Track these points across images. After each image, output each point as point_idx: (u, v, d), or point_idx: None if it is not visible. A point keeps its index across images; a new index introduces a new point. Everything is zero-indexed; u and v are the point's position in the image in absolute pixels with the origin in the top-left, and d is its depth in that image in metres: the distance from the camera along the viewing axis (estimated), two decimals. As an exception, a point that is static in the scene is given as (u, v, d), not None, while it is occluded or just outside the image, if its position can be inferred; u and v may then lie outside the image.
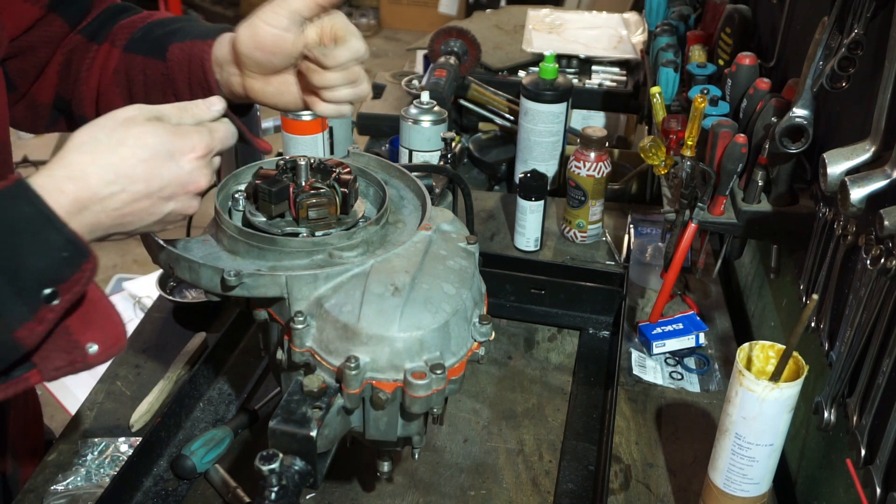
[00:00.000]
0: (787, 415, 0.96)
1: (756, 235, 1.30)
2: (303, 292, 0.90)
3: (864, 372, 0.91)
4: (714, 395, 1.31)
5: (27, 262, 0.71)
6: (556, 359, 1.39)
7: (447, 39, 2.03)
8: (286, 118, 1.52)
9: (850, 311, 0.96)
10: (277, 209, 0.98)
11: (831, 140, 1.11)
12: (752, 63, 1.33)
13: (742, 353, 0.99)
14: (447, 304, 0.90)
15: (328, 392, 0.86)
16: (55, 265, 0.72)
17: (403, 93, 2.15)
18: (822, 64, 1.08)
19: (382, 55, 5.87)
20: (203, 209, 0.91)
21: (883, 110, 0.91)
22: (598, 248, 1.68)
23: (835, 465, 1.07)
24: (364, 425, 0.91)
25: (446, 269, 0.94)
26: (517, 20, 2.55)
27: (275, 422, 0.83)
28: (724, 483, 1.02)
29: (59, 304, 0.73)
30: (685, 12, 1.86)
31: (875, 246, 0.89)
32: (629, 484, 1.15)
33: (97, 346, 0.77)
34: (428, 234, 0.99)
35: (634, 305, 1.51)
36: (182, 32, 1.11)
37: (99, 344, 0.77)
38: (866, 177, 0.89)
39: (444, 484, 1.14)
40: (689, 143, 1.32)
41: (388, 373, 0.87)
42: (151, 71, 1.11)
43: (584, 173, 1.61)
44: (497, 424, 1.25)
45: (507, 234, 1.70)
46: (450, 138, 1.61)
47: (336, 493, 1.12)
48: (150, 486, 1.11)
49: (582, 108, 2.21)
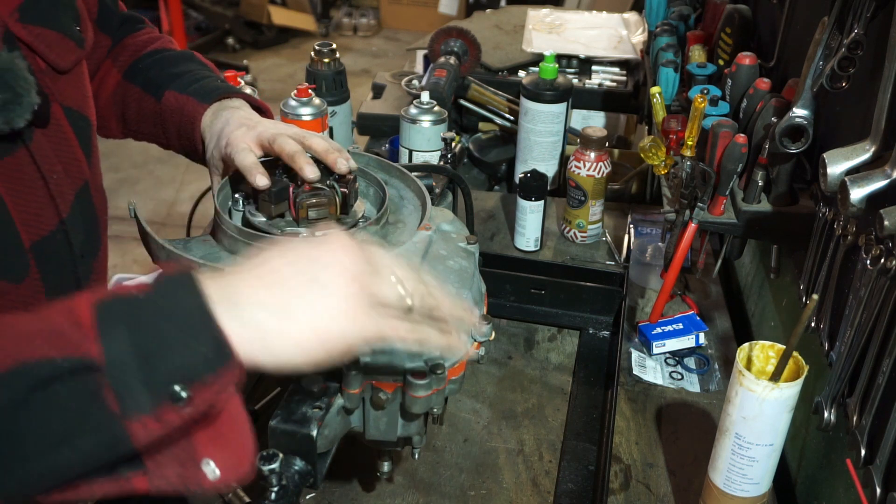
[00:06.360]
0: (787, 415, 0.96)
1: (756, 235, 1.30)
2: (303, 292, 0.90)
3: (864, 372, 0.91)
4: (714, 395, 1.31)
5: (168, 352, 0.63)
6: (556, 359, 1.39)
7: (447, 39, 2.03)
8: (286, 118, 1.52)
9: (850, 311, 0.96)
10: (277, 209, 0.98)
11: (831, 140, 1.11)
12: (752, 63, 1.33)
13: (742, 353, 0.99)
14: (447, 304, 0.89)
15: (328, 392, 0.86)
16: (194, 363, 0.63)
17: (403, 93, 2.15)
18: (822, 64, 1.08)
19: (382, 55, 5.86)
20: (203, 209, 0.91)
21: (883, 110, 0.91)
22: (598, 248, 1.68)
23: (835, 465, 1.07)
24: (364, 425, 0.91)
25: (446, 269, 0.94)
26: (517, 20, 2.56)
27: (275, 422, 0.83)
28: (724, 483, 1.02)
29: (186, 408, 0.63)
30: (685, 12, 1.86)
31: (875, 246, 0.89)
32: (629, 484, 1.15)
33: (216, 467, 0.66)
34: (428, 234, 0.99)
35: (634, 305, 1.51)
36: (181, 81, 1.16)
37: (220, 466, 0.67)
38: (866, 177, 0.89)
39: (444, 484, 1.14)
40: (689, 143, 1.32)
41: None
42: (146, 106, 1.17)
43: (584, 173, 1.61)
44: (497, 424, 1.25)
45: (507, 234, 1.70)
46: (450, 138, 1.61)
47: (336, 493, 1.12)
48: (150, 486, 1.11)
49: (582, 108, 2.21)
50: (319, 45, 1.79)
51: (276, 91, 5.03)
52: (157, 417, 0.62)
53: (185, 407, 0.63)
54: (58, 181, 0.98)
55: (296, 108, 1.53)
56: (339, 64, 1.79)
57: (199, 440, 0.66)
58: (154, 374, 0.62)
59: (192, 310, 0.65)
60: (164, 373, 0.62)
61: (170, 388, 0.62)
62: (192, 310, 0.65)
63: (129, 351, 0.62)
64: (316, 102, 1.54)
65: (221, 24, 5.82)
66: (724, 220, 1.28)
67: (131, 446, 0.63)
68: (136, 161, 4.29)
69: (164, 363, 0.63)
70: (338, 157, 0.99)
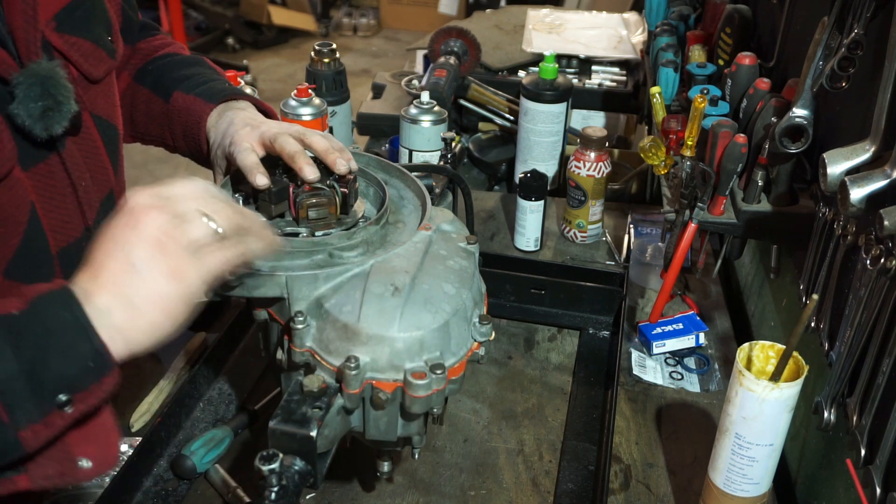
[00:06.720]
0: (787, 415, 0.96)
1: (756, 235, 1.30)
2: (303, 292, 0.90)
3: (864, 372, 0.91)
4: (714, 395, 1.31)
5: (52, 366, 0.69)
6: (556, 359, 1.39)
7: (447, 39, 2.03)
8: (286, 118, 1.52)
9: (850, 311, 0.96)
10: (277, 209, 0.98)
11: (831, 140, 1.11)
12: (752, 63, 1.33)
13: (742, 353, 0.99)
14: (447, 304, 0.90)
15: (328, 392, 0.86)
16: (78, 373, 0.70)
17: (403, 93, 2.15)
18: (822, 64, 1.08)
19: (382, 55, 5.87)
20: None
21: (883, 110, 0.91)
22: (598, 248, 1.68)
23: (835, 465, 1.07)
24: (364, 425, 0.91)
25: (446, 269, 0.94)
26: (517, 20, 2.56)
27: (275, 422, 0.83)
28: (724, 483, 1.02)
29: (70, 412, 0.70)
30: (685, 12, 1.86)
31: (875, 246, 0.89)
32: (629, 484, 1.15)
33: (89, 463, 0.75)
34: (428, 234, 0.99)
35: (634, 305, 1.51)
36: (189, 83, 1.17)
37: (92, 461, 0.75)
38: (866, 177, 0.89)
39: (444, 484, 1.14)
40: (689, 143, 1.32)
41: (388, 373, 0.87)
42: (154, 107, 1.18)
43: (584, 173, 1.61)
44: (497, 424, 1.25)
45: (507, 234, 1.70)
46: (450, 138, 1.61)
47: (336, 493, 1.12)
48: (150, 486, 1.11)
49: (582, 108, 2.21)
50: (319, 45, 1.80)
51: (276, 91, 5.03)
52: (46, 424, 0.69)
53: (72, 412, 0.70)
54: (86, 189, 1.00)
55: (296, 108, 1.53)
56: (339, 64, 1.79)
57: (73, 441, 0.73)
58: (41, 386, 0.68)
59: (70, 323, 0.70)
60: (50, 384, 0.69)
61: (55, 398, 0.69)
62: (70, 323, 0.70)
63: (15, 366, 0.68)
64: (316, 102, 1.55)
65: (221, 24, 5.83)
66: (724, 220, 1.28)
67: (23, 452, 0.69)
68: (136, 161, 4.29)
69: (49, 375, 0.69)
70: (338, 158, 0.99)
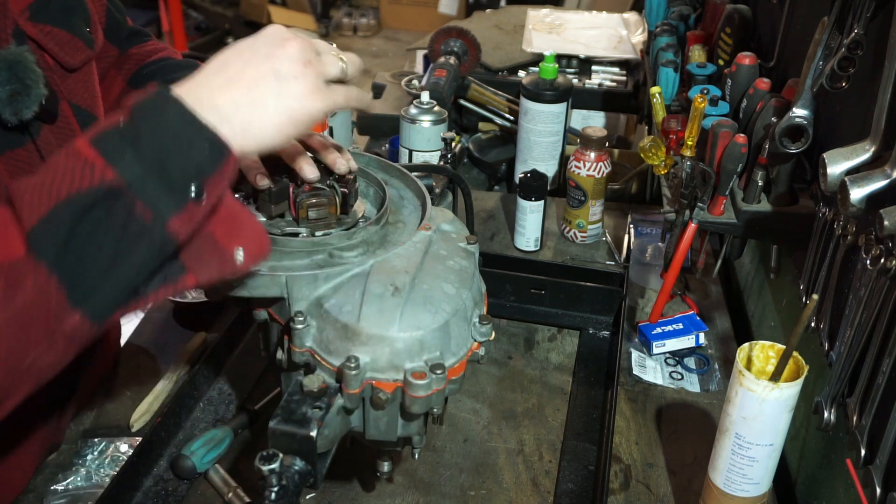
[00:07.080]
0: (787, 415, 0.96)
1: (756, 235, 1.30)
2: (303, 292, 0.90)
3: (864, 372, 0.91)
4: (714, 395, 1.31)
5: (175, 161, 0.72)
6: (556, 359, 1.39)
7: (447, 39, 2.03)
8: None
9: (850, 311, 0.96)
10: (277, 209, 0.98)
11: (831, 140, 1.11)
12: (752, 63, 1.33)
13: (742, 353, 0.99)
14: (447, 304, 0.90)
15: (328, 392, 0.86)
16: (200, 162, 0.73)
17: (403, 93, 2.15)
18: (822, 64, 1.08)
19: (382, 55, 5.86)
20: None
21: (883, 110, 0.91)
22: (598, 248, 1.68)
23: (835, 465, 1.07)
24: (364, 425, 0.91)
25: (446, 269, 0.94)
26: (517, 20, 2.56)
27: (275, 422, 0.83)
28: (724, 483, 1.02)
29: (204, 202, 0.73)
30: (685, 12, 1.86)
31: (875, 246, 0.89)
32: (629, 484, 1.15)
33: (242, 253, 0.78)
34: (428, 234, 0.99)
35: (634, 305, 1.51)
36: None
37: (244, 249, 0.78)
38: (866, 177, 0.89)
39: (444, 484, 1.14)
40: (689, 143, 1.32)
41: (388, 373, 0.86)
42: None
43: (584, 173, 1.61)
44: (497, 424, 1.25)
45: (507, 234, 1.70)
46: (450, 138, 1.61)
47: (336, 493, 1.12)
48: (150, 486, 1.11)
49: (582, 108, 2.21)
50: (319, 45, 1.79)
51: (275, 91, 5.01)
52: (189, 215, 0.72)
53: (206, 201, 0.73)
54: None
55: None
56: (339, 64, 1.79)
57: (221, 234, 0.77)
58: (170, 179, 0.71)
59: (179, 120, 0.73)
60: (178, 176, 0.71)
61: (187, 187, 0.72)
62: (179, 120, 0.73)
63: (141, 167, 0.70)
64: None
65: (221, 24, 5.83)
66: (724, 220, 1.28)
67: (176, 243, 0.73)
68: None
69: (175, 169, 0.71)
70: (337, 158, 1.00)
